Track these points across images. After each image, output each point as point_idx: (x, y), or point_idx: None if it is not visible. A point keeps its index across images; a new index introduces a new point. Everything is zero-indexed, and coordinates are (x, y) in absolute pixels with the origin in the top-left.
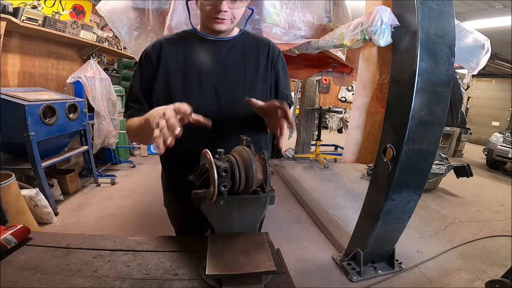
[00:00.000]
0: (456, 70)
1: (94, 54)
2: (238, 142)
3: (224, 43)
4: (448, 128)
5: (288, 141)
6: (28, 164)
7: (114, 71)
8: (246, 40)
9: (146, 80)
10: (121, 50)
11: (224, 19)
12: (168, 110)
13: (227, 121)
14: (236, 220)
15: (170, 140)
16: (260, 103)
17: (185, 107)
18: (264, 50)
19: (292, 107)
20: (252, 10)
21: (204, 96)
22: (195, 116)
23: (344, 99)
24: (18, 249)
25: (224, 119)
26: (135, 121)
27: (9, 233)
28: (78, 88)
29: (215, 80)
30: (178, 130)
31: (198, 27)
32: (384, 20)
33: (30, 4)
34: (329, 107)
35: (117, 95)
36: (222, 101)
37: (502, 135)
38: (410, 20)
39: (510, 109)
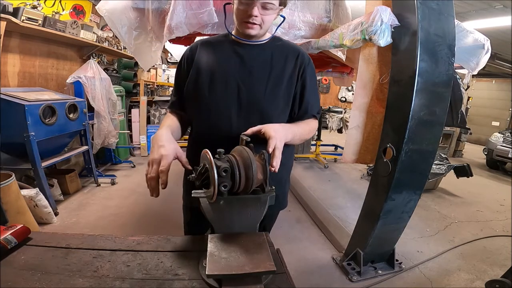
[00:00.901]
0: (456, 70)
1: (94, 54)
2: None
3: (253, 47)
4: (448, 128)
5: None
6: (28, 164)
7: (114, 71)
8: (276, 46)
9: (182, 77)
10: (121, 50)
11: (254, 23)
12: (165, 160)
13: (246, 122)
14: (236, 220)
15: (155, 193)
16: (251, 130)
17: (166, 167)
18: (293, 57)
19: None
20: (284, 17)
21: (227, 96)
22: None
23: (344, 99)
24: (18, 249)
25: (243, 119)
26: (164, 122)
27: (9, 233)
28: (78, 88)
29: (238, 81)
30: (164, 185)
31: (234, 32)
32: (384, 20)
33: (30, 4)
34: (329, 107)
35: (117, 95)
36: (243, 101)
37: (502, 135)
38: (410, 20)
39: (510, 109)
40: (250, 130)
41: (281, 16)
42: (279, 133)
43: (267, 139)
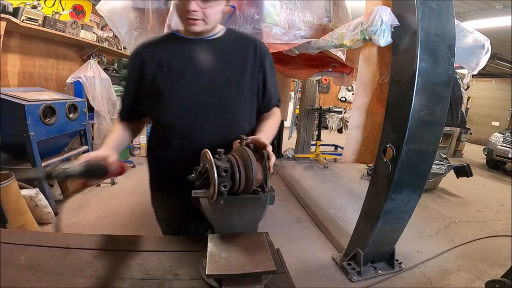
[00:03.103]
0: (456, 70)
1: (94, 54)
2: (226, 144)
3: (206, 43)
4: (448, 128)
5: (288, 141)
6: (28, 164)
7: (114, 71)
8: (231, 39)
9: (133, 86)
10: (121, 50)
11: (196, 19)
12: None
13: (213, 125)
14: (236, 220)
15: None
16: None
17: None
18: (251, 48)
19: (292, 107)
20: (234, 7)
21: (187, 99)
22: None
23: (344, 99)
24: (19, 247)
25: (210, 123)
26: (111, 131)
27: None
28: (78, 88)
29: (197, 82)
30: None
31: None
32: (384, 20)
33: (30, 4)
34: (329, 107)
35: (117, 95)
36: (209, 104)
37: (502, 135)
38: (410, 20)
39: (510, 109)
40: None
41: (232, 6)
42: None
43: (258, 148)
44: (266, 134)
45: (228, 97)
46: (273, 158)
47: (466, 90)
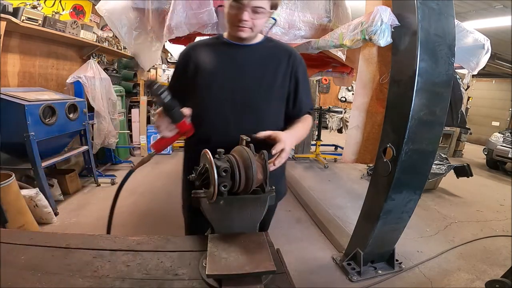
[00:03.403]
0: (456, 70)
1: (94, 54)
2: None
3: (246, 49)
4: (448, 128)
5: None
6: (28, 164)
7: (114, 71)
8: (268, 47)
9: (177, 78)
10: (121, 50)
11: (245, 27)
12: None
13: (241, 123)
14: (236, 220)
15: None
16: (263, 134)
17: None
18: (285, 57)
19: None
20: (275, 20)
21: (221, 97)
22: None
23: (344, 99)
24: (20, 246)
25: (238, 121)
26: None
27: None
28: (78, 88)
29: (232, 83)
30: None
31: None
32: (384, 20)
33: (30, 4)
34: (329, 107)
35: (117, 95)
36: (237, 102)
37: (502, 135)
38: (410, 20)
39: (510, 109)
40: (261, 134)
41: (273, 18)
42: (288, 140)
43: (275, 143)
44: (290, 132)
45: (257, 98)
46: (284, 155)
47: (466, 90)
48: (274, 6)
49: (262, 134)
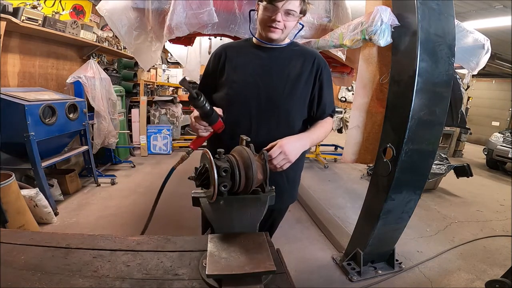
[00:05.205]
0: (456, 70)
1: (94, 54)
2: (270, 139)
3: (273, 49)
4: (448, 128)
5: None
6: (28, 164)
7: (114, 71)
8: (294, 50)
9: (208, 76)
10: (121, 50)
11: (277, 28)
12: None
13: (263, 119)
14: (236, 220)
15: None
16: (271, 144)
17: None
18: (310, 61)
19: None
20: (302, 25)
21: (247, 94)
22: None
23: (344, 99)
24: (20, 246)
25: (261, 117)
26: None
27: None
28: (78, 88)
29: (258, 81)
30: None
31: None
32: (384, 20)
33: (30, 4)
34: None
35: (117, 95)
36: (262, 100)
37: (502, 135)
38: (410, 20)
39: (510, 109)
40: (270, 145)
41: (300, 24)
42: (288, 145)
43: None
44: (302, 137)
45: (281, 95)
46: (276, 157)
47: (466, 90)
48: (303, 11)
49: (270, 145)
